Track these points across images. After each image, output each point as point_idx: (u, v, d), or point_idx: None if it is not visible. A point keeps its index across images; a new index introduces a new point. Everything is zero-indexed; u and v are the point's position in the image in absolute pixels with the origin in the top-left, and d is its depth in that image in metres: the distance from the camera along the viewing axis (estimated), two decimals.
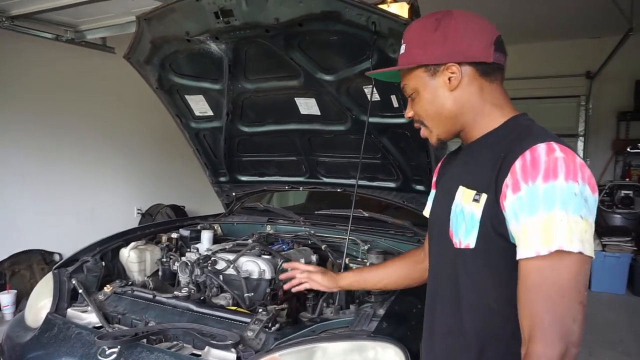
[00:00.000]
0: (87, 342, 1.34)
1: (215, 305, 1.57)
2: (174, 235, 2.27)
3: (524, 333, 0.77)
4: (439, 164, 1.19)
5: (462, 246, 0.89)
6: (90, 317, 1.51)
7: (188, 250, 2.22)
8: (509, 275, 0.82)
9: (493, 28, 0.94)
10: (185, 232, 2.35)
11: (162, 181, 5.40)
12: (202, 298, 1.62)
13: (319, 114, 2.07)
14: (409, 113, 1.02)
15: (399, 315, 1.32)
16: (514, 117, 0.94)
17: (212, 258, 1.82)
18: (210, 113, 2.27)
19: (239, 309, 1.54)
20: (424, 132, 1.02)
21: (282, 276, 1.46)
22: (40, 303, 1.64)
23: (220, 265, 1.80)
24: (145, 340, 1.30)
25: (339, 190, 2.41)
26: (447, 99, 0.94)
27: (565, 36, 5.70)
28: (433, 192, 1.19)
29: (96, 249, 1.98)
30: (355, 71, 1.78)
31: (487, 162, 0.88)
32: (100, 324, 1.46)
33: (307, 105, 2.07)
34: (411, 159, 2.05)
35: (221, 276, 1.77)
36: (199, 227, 2.44)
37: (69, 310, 1.57)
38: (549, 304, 0.74)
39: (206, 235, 2.25)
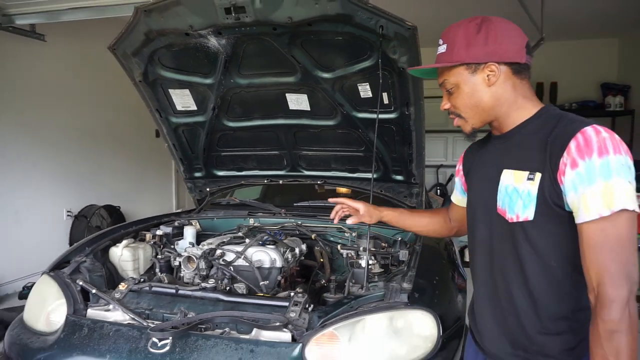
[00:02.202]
0: (131, 338, 1.32)
1: (242, 294, 1.62)
2: (159, 232, 2.23)
3: (591, 282, 0.92)
4: (462, 155, 1.34)
5: (521, 219, 1.02)
6: (115, 316, 1.47)
7: (172, 246, 2.21)
8: (566, 238, 0.99)
9: (523, 33, 1.09)
10: (167, 229, 2.31)
11: (93, 181, 5.04)
12: (227, 288, 1.65)
13: (309, 109, 2.18)
14: (445, 105, 1.15)
15: (424, 288, 1.50)
16: (544, 107, 1.09)
17: (220, 251, 1.85)
18: (194, 108, 2.25)
19: (266, 295, 1.60)
20: (458, 122, 1.15)
21: (331, 200, 1.56)
22: (50, 307, 1.55)
23: (229, 257, 1.84)
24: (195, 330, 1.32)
25: (319, 182, 2.53)
26: (485, 93, 1.08)
27: None
28: (458, 179, 1.35)
29: (86, 249, 1.89)
30: (353, 70, 1.91)
31: (534, 146, 1.02)
32: (130, 322, 1.44)
33: (298, 101, 2.16)
34: (394, 151, 2.24)
35: (231, 267, 1.80)
36: (176, 224, 2.42)
37: (89, 310, 1.50)
38: (614, 254, 0.89)
39: (189, 231, 2.25)
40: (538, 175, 1.00)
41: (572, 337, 1.03)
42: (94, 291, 1.57)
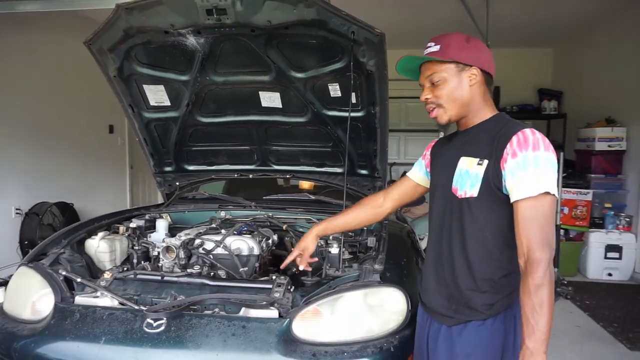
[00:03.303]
0: (125, 320, 1.38)
1: (226, 278, 1.72)
2: (132, 225, 2.27)
3: (522, 248, 1.16)
4: (431, 145, 1.59)
5: (467, 196, 1.27)
6: (103, 302, 1.52)
7: (145, 238, 2.25)
8: (499, 215, 1.24)
9: None
10: (139, 222, 2.35)
11: (43, 178, 4.86)
12: (212, 274, 1.74)
13: (281, 106, 2.30)
14: (426, 96, 1.36)
15: (394, 268, 1.67)
16: (499, 114, 1.37)
17: (199, 240, 1.93)
18: (167, 103, 2.31)
19: (248, 279, 1.71)
20: (437, 112, 1.36)
21: (284, 265, 1.76)
22: (34, 297, 1.57)
23: (209, 246, 1.93)
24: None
25: (287, 176, 2.66)
26: (466, 91, 1.32)
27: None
28: (422, 161, 1.60)
29: (62, 241, 1.91)
30: (325, 71, 2.06)
31: (486, 140, 1.28)
32: (119, 307, 1.50)
33: (270, 99, 2.28)
34: (359, 147, 2.41)
35: (211, 256, 1.90)
36: (147, 217, 2.45)
37: (77, 298, 1.54)
38: (540, 227, 1.14)
39: (162, 224, 2.30)
40: (485, 162, 1.25)
41: (493, 295, 1.28)
42: (79, 280, 1.61)
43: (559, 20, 5.46)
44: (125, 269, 1.71)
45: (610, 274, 4.77)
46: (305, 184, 3.13)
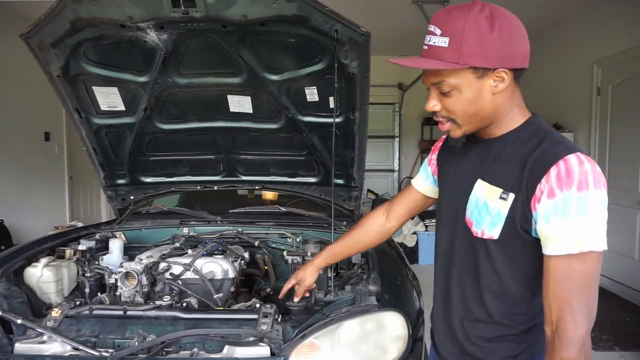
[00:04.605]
0: None
1: (203, 310, 1.49)
2: (81, 247, 1.98)
3: (551, 314, 0.90)
4: (438, 146, 1.27)
5: (485, 237, 1.00)
6: (52, 348, 1.24)
7: (96, 262, 1.97)
8: (527, 262, 0.98)
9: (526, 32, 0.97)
10: (89, 243, 2.06)
11: None
12: (184, 305, 1.50)
13: (251, 112, 2.10)
14: (435, 107, 1.01)
15: (390, 288, 1.52)
16: (531, 117, 1.03)
17: (165, 264, 1.69)
18: (122, 108, 2.04)
19: (229, 309, 1.50)
20: (448, 127, 1.03)
21: (282, 294, 1.56)
22: None
23: (176, 270, 1.69)
24: (163, 354, 1.17)
25: (257, 187, 2.46)
26: (488, 101, 0.97)
27: (384, 52, 6.74)
28: (429, 168, 1.29)
29: None
30: (303, 73, 1.89)
31: (514, 163, 0.97)
32: (73, 354, 1.23)
33: (240, 103, 2.07)
34: (336, 155, 2.24)
35: (179, 281, 1.66)
36: (98, 237, 2.17)
37: (17, 345, 1.25)
38: (577, 291, 0.88)
39: (116, 244, 2.03)
40: (511, 196, 0.96)
41: (515, 346, 1.04)
42: (19, 321, 1.32)
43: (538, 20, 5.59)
44: (77, 303, 1.44)
45: None
46: (269, 194, 2.93)
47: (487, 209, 0.99)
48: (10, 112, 4.73)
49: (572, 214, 0.87)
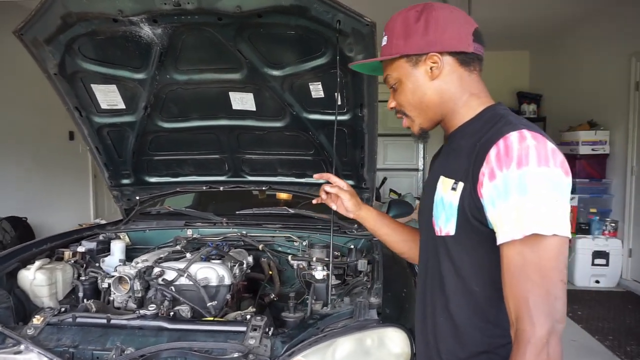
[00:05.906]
0: None
1: (190, 320, 1.40)
2: (81, 249, 1.93)
3: (510, 315, 0.80)
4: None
5: (443, 234, 0.92)
6: (29, 359, 1.19)
7: (97, 264, 1.93)
8: (489, 259, 0.86)
9: (471, 20, 0.98)
10: (90, 245, 2.02)
11: None
12: (171, 314, 1.42)
13: (254, 109, 2.01)
14: (391, 104, 1.03)
15: (394, 302, 1.39)
16: (491, 106, 0.96)
17: (158, 269, 1.62)
18: (122, 106, 1.98)
19: (218, 319, 1.41)
20: (406, 122, 1.03)
21: (316, 176, 1.40)
22: None
23: (170, 275, 1.61)
24: None
25: (264, 188, 2.37)
26: (429, 88, 0.96)
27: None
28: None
29: None
30: (305, 67, 1.78)
31: (464, 152, 0.91)
32: None
33: (242, 101, 1.98)
34: (344, 155, 2.14)
35: (172, 288, 1.58)
36: (101, 238, 2.13)
37: None
38: (531, 284, 0.76)
39: (118, 246, 1.98)
40: (460, 185, 0.89)
41: None
42: None
43: (533, 24, 5.36)
44: (63, 309, 1.38)
45: (597, 281, 4.64)
46: (283, 196, 2.85)
47: (443, 203, 0.94)
48: (35, 112, 4.83)
49: (513, 195, 0.79)
